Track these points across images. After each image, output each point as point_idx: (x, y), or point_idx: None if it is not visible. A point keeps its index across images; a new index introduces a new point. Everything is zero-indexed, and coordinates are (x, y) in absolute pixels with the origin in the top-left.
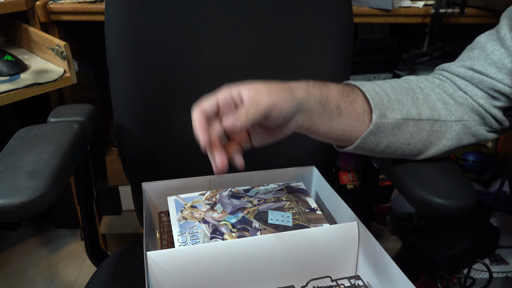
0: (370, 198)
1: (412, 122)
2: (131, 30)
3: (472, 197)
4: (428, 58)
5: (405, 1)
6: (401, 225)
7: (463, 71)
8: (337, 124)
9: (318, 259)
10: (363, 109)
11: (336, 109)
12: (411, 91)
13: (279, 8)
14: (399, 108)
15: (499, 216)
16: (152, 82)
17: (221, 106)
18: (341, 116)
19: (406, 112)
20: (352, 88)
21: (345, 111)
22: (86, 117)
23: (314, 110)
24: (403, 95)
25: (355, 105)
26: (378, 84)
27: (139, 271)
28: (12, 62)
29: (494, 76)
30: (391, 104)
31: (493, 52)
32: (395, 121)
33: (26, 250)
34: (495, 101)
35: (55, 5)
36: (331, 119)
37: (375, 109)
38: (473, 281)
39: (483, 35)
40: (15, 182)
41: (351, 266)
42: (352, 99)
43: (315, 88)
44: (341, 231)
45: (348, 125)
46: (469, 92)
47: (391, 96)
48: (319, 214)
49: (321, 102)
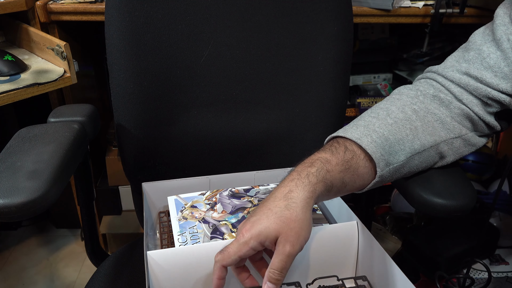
0: (370, 198)
1: (417, 156)
2: (131, 30)
3: (472, 197)
4: (428, 58)
5: (405, 1)
6: (401, 225)
7: (458, 76)
8: (343, 193)
9: (318, 259)
10: (366, 168)
11: (341, 185)
12: (408, 121)
13: (279, 8)
14: (401, 148)
15: (499, 216)
16: (152, 82)
17: (246, 257)
18: (346, 187)
19: (409, 150)
20: (352, 153)
21: (349, 181)
22: (86, 117)
23: (321, 199)
24: (401, 131)
25: (359, 169)
26: (374, 130)
27: (139, 271)
28: (12, 62)
29: (489, 82)
30: (392, 148)
31: (489, 55)
32: (400, 164)
33: (26, 250)
34: (488, 107)
35: (55, 5)
36: (337, 194)
37: (379, 163)
38: (472, 281)
39: (478, 34)
40: (15, 182)
41: (351, 266)
42: (355, 167)
43: (320, 184)
44: (341, 231)
45: (354, 188)
46: (464, 100)
47: (390, 138)
48: (319, 214)
49: (328, 190)
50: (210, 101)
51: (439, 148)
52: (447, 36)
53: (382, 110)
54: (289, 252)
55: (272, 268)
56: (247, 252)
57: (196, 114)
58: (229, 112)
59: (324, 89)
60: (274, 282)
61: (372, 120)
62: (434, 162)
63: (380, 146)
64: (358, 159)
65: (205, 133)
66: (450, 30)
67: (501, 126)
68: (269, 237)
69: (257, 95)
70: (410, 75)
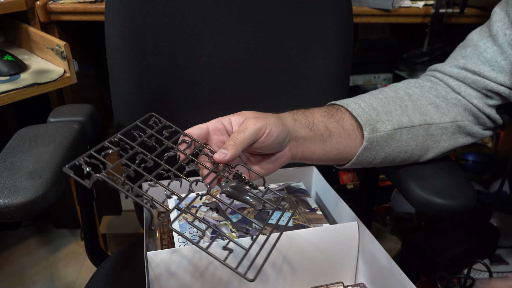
0: (370, 198)
1: (405, 130)
2: (131, 30)
3: (472, 197)
4: (428, 58)
5: (405, 1)
6: (401, 225)
7: (456, 71)
8: (330, 145)
9: (318, 259)
10: (352, 126)
11: (325, 130)
12: (399, 99)
13: (279, 8)
14: (389, 119)
15: (499, 216)
16: (152, 82)
17: (211, 133)
18: (332, 137)
19: (396, 122)
20: (337, 108)
21: (334, 131)
22: (86, 117)
23: (304, 136)
24: (391, 105)
25: (343, 123)
26: (363, 99)
27: (139, 271)
28: (12, 62)
29: (487, 75)
30: (380, 117)
31: (486, 50)
32: (387, 133)
33: (26, 250)
34: (488, 99)
35: (55, 5)
36: (323, 141)
37: (365, 126)
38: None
39: (475, 32)
40: (15, 182)
41: (351, 266)
42: (338, 118)
43: (300, 115)
44: (341, 231)
45: (341, 144)
46: (463, 92)
47: (378, 108)
48: (319, 214)
49: (309, 126)
50: (210, 101)
51: (430, 129)
52: (447, 36)
53: (376, 91)
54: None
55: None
56: (213, 124)
57: (196, 114)
58: (229, 112)
59: (324, 89)
60: (227, 147)
61: (363, 95)
62: (427, 145)
63: (366, 112)
64: (343, 115)
65: None
66: (450, 30)
67: (503, 119)
68: (231, 117)
69: (257, 95)
70: (410, 75)
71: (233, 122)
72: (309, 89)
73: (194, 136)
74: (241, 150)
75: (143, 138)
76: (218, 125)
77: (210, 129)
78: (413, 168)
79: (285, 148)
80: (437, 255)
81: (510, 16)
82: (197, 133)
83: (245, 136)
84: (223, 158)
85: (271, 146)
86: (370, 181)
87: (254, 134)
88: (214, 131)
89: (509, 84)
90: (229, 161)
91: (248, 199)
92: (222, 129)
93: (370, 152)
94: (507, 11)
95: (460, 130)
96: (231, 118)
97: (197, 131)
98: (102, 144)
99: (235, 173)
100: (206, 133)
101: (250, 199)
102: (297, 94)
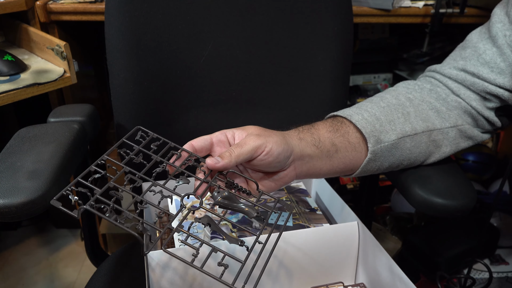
0: (370, 198)
1: (408, 139)
2: (131, 30)
3: (472, 197)
4: (428, 58)
5: (405, 1)
6: (401, 225)
7: (455, 73)
8: (337, 160)
9: (318, 258)
10: (357, 138)
11: (331, 146)
12: (401, 107)
13: (279, 8)
14: (392, 128)
15: (499, 216)
16: (152, 82)
17: (214, 145)
18: (338, 152)
19: (400, 131)
20: (341, 121)
21: (341, 146)
22: (86, 117)
23: (310, 154)
24: (393, 113)
25: (349, 137)
26: (366, 109)
27: (139, 271)
28: (12, 62)
29: (486, 77)
30: (383, 127)
31: (485, 51)
32: (391, 143)
33: (26, 250)
34: (487, 102)
35: (55, 5)
36: (329, 157)
37: (369, 138)
38: (473, 281)
39: (475, 33)
40: (15, 182)
41: (351, 266)
42: (344, 132)
43: (305, 133)
44: (341, 231)
45: (348, 158)
46: (462, 95)
47: (382, 118)
48: (319, 214)
49: (315, 144)
50: (210, 101)
51: (432, 135)
52: (447, 36)
53: (377, 97)
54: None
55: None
56: (217, 135)
57: (196, 114)
58: (229, 112)
59: (324, 89)
60: (222, 156)
61: (365, 103)
62: (430, 151)
63: (370, 123)
64: (348, 128)
65: (205, 133)
66: (450, 30)
67: (502, 122)
68: (235, 130)
69: (257, 95)
70: (410, 75)
71: (236, 136)
72: (309, 89)
73: (197, 147)
74: (235, 163)
75: (130, 156)
76: (221, 137)
77: (214, 141)
78: (413, 168)
79: (288, 168)
80: (437, 255)
81: (510, 17)
82: (201, 144)
83: (241, 151)
84: (215, 165)
85: (271, 164)
86: (370, 181)
87: (251, 151)
88: (217, 142)
89: (508, 86)
90: (220, 169)
91: (241, 207)
92: (225, 141)
93: (375, 163)
94: (507, 11)
95: (461, 135)
96: (235, 132)
97: (201, 143)
98: (89, 169)
99: (227, 181)
100: (210, 144)
101: (243, 206)
102: (297, 94)
